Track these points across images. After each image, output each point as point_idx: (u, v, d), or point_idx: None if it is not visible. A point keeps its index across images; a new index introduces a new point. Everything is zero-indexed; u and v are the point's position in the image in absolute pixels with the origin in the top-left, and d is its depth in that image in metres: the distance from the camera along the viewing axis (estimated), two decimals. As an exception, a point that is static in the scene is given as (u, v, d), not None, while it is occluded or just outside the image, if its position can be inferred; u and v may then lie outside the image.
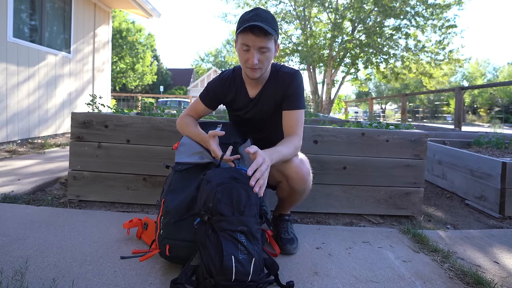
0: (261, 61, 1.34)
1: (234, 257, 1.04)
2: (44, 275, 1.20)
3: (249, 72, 1.38)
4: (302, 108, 1.46)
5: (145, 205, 2.10)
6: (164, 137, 2.05)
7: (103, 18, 6.54)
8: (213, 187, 1.16)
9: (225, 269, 1.03)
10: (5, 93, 4.11)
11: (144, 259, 1.27)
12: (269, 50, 1.33)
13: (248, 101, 1.52)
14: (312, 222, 1.99)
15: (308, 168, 1.44)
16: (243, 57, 1.35)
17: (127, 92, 25.58)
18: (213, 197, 1.14)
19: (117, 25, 23.63)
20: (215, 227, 1.10)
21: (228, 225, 1.09)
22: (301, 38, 12.03)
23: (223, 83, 1.54)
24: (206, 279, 1.06)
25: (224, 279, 1.03)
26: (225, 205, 1.12)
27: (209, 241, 1.10)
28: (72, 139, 2.08)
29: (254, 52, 1.31)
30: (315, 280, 1.28)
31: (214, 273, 1.05)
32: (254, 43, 1.30)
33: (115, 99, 16.05)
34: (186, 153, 1.42)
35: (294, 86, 1.45)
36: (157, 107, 2.97)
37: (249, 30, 1.27)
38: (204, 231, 1.12)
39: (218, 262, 1.05)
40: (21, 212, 1.81)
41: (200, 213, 1.15)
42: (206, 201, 1.15)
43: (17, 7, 4.33)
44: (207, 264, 1.08)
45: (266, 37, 1.29)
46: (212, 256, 1.07)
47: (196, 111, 1.60)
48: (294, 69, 1.49)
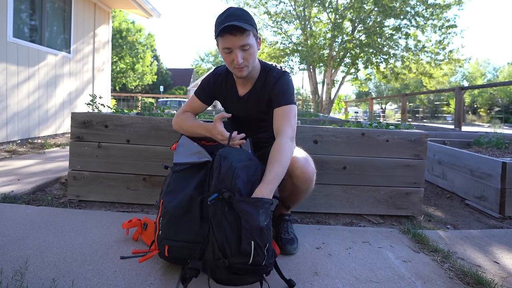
0: (246, 58, 1.35)
1: (254, 242, 1.02)
2: (44, 275, 1.20)
3: (237, 72, 1.40)
4: (290, 103, 1.42)
5: (145, 205, 2.10)
6: (164, 137, 2.05)
7: (103, 18, 6.54)
8: (233, 163, 1.15)
9: (243, 253, 1.02)
10: (5, 93, 4.11)
11: (144, 259, 1.27)
12: (251, 46, 1.34)
13: (238, 100, 1.54)
14: (312, 222, 1.99)
15: (313, 168, 1.43)
16: (228, 60, 1.37)
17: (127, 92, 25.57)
18: (233, 173, 1.13)
19: (117, 25, 23.63)
20: (235, 207, 1.07)
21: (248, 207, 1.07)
22: (301, 38, 12.03)
23: (216, 79, 1.57)
24: (218, 259, 1.05)
25: (240, 262, 1.02)
26: (244, 183, 1.12)
27: (225, 219, 1.07)
28: (72, 139, 2.08)
29: (237, 52, 1.33)
30: (315, 280, 1.28)
31: (229, 255, 1.04)
32: (234, 44, 1.31)
33: (115, 99, 16.04)
34: (184, 153, 1.42)
35: (280, 84, 1.45)
36: (157, 107, 2.97)
37: (227, 31, 1.28)
38: (220, 208, 1.09)
39: (235, 244, 1.03)
40: (21, 212, 1.81)
41: (220, 190, 1.12)
42: (224, 178, 1.13)
43: (17, 7, 4.33)
44: (221, 244, 1.06)
45: (244, 34, 1.30)
46: (228, 237, 1.05)
47: (192, 107, 1.62)
48: (282, 70, 1.50)
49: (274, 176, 1.19)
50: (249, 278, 1.08)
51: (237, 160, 1.18)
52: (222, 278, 1.07)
